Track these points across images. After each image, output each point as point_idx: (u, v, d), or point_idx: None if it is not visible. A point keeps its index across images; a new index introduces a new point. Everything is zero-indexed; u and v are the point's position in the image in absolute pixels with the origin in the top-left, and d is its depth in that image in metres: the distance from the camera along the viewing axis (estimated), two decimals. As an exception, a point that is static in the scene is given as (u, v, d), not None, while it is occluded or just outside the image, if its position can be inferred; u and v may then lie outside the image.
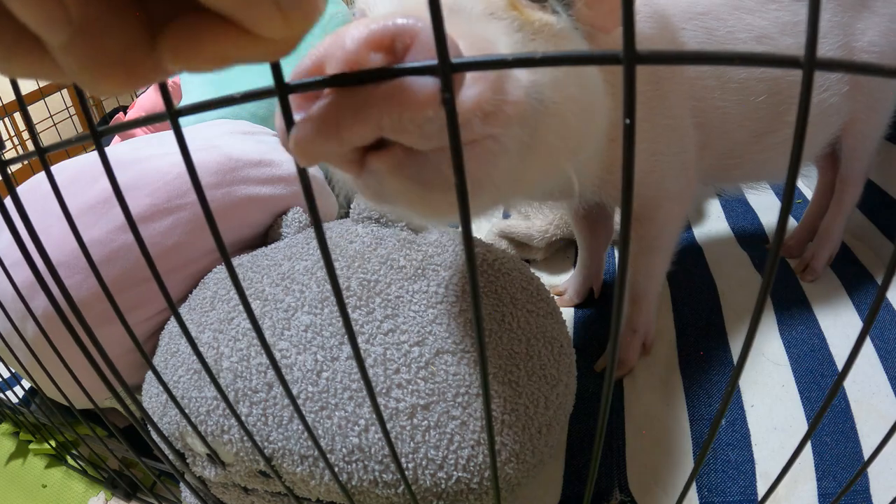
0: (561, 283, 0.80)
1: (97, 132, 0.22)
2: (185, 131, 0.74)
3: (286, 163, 0.69)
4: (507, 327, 0.48)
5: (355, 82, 0.18)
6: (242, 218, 0.64)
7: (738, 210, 0.95)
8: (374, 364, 0.45)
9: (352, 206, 0.59)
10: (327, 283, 0.49)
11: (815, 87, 0.57)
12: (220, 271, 0.59)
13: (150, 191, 0.60)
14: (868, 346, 0.68)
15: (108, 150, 0.67)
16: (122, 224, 0.58)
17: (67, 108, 1.82)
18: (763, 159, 0.60)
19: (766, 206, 0.96)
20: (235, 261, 0.59)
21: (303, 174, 0.19)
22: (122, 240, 0.58)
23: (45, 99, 1.70)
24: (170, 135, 0.72)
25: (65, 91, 1.82)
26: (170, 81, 1.15)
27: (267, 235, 0.67)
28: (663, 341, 0.71)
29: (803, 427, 0.59)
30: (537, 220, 0.82)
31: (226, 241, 0.66)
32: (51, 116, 1.72)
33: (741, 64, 0.14)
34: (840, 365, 0.66)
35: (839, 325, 0.71)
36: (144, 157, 0.63)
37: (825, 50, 0.56)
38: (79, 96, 0.21)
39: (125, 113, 1.19)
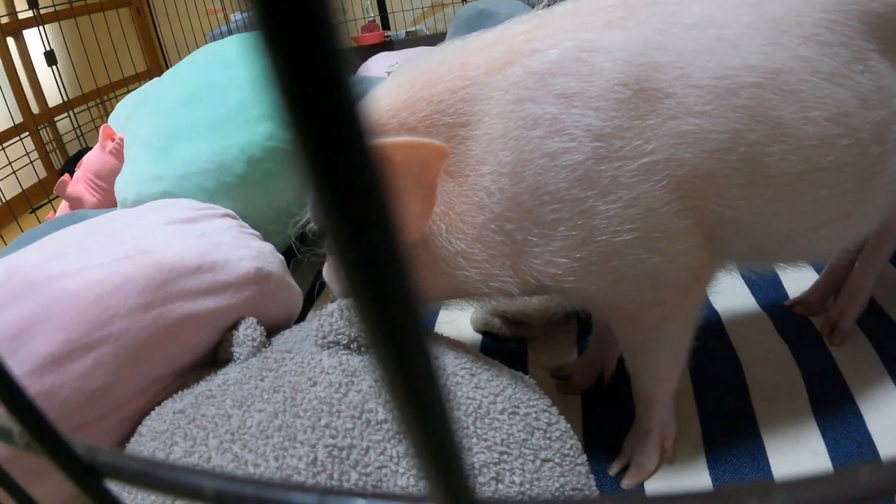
0: (566, 364, 0.70)
1: None
2: (111, 228, 0.62)
3: (232, 262, 0.58)
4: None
5: None
6: (182, 342, 0.53)
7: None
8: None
9: (316, 327, 0.48)
10: (287, 453, 0.39)
11: (891, 165, 0.47)
12: (159, 417, 0.48)
13: (64, 323, 0.49)
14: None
15: (14, 258, 0.55)
16: (39, 365, 0.47)
17: (28, 153, 1.68)
18: (815, 246, 0.51)
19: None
20: (177, 404, 0.48)
21: None
22: (38, 386, 0.47)
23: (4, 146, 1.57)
24: (95, 231, 0.61)
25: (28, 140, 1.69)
26: (116, 138, 1.03)
27: (216, 352, 0.56)
28: (687, 436, 0.61)
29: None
30: (536, 298, 0.72)
31: (163, 373, 0.54)
32: (10, 164, 1.58)
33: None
34: (879, 446, 0.58)
35: (874, 396, 0.64)
36: (55, 276, 0.52)
37: (876, 114, 0.46)
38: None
39: (72, 175, 1.07)
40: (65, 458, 0.12)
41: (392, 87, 0.46)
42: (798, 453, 0.59)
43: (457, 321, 0.82)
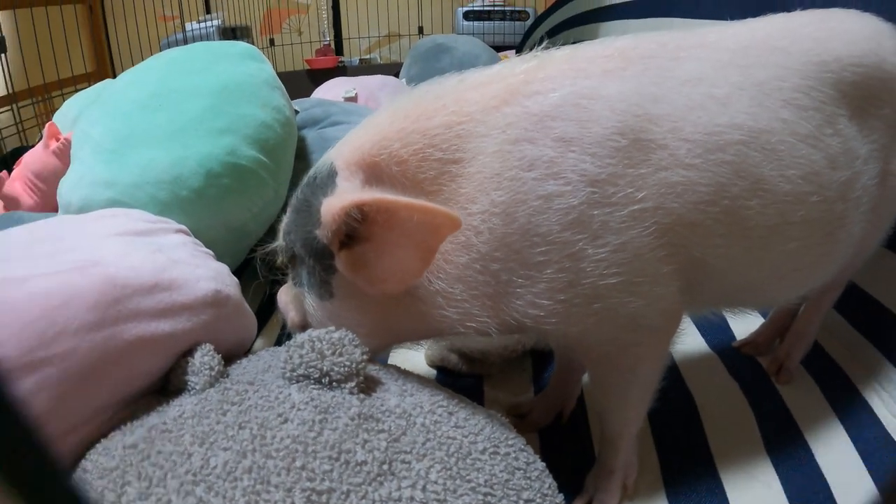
0: (523, 401, 0.70)
1: None
2: (58, 234, 0.57)
3: (191, 281, 0.54)
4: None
5: None
6: (133, 367, 0.48)
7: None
8: None
9: (284, 359, 0.46)
10: (260, 497, 0.36)
11: (851, 221, 0.50)
12: (107, 452, 0.43)
13: (4, 337, 0.44)
14: (849, 447, 0.66)
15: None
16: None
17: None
18: (778, 293, 0.53)
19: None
20: (127, 437, 0.44)
21: None
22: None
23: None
24: (40, 236, 0.56)
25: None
26: (62, 138, 0.94)
27: (167, 379, 0.51)
28: (646, 472, 0.62)
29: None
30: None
31: (110, 401, 0.49)
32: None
33: None
34: (828, 477, 0.62)
35: (820, 431, 0.67)
36: (-2, 282, 0.47)
37: (866, 179, 0.49)
38: None
39: (10, 172, 0.98)
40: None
41: (384, 116, 0.45)
42: (754, 487, 0.61)
43: (408, 354, 0.80)
